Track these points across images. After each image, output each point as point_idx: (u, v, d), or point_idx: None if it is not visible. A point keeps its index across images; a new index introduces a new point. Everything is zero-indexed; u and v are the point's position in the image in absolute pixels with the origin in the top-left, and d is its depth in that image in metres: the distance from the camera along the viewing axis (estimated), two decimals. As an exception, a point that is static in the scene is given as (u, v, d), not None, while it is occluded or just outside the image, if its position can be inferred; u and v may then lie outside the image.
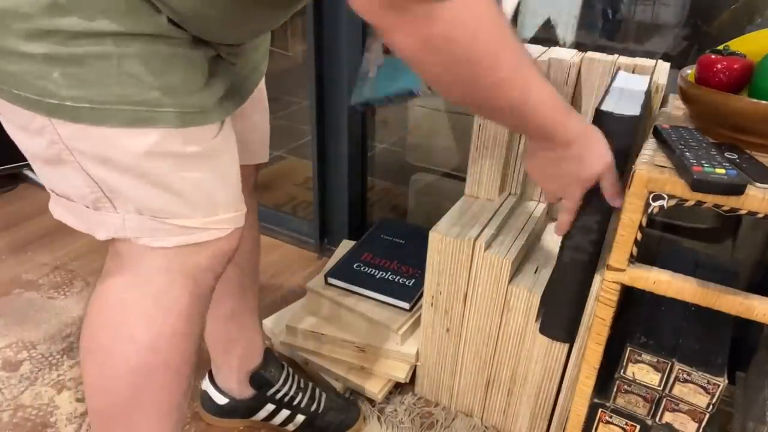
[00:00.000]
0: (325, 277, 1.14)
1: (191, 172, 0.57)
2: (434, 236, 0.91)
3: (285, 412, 0.96)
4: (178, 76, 0.53)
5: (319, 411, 0.97)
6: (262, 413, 0.96)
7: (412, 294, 1.08)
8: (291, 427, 0.97)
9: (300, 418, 0.96)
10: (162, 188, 0.56)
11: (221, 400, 0.97)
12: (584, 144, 0.63)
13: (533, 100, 0.56)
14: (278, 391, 0.96)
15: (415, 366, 1.06)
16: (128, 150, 0.53)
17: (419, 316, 1.02)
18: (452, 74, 0.50)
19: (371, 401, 1.05)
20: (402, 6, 0.45)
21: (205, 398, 0.99)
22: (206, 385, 0.99)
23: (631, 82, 0.81)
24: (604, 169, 0.64)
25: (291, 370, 0.99)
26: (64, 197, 0.58)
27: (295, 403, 0.96)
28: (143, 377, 0.61)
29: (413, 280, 1.11)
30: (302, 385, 0.99)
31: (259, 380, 0.95)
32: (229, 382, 0.96)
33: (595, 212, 0.74)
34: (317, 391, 0.99)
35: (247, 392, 0.96)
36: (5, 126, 0.55)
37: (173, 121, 0.53)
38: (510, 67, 0.52)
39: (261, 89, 0.79)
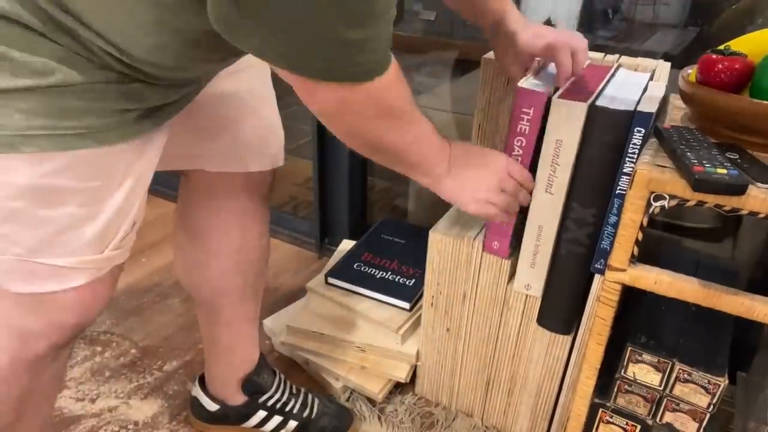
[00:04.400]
0: (326, 276, 1.14)
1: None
2: (434, 236, 0.91)
3: (277, 419, 0.95)
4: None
5: (312, 417, 0.96)
6: (254, 420, 0.95)
7: (412, 294, 1.08)
8: None
9: (292, 424, 0.95)
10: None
11: (212, 406, 0.96)
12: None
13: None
14: (270, 397, 0.94)
15: (416, 366, 1.06)
16: None
17: (419, 316, 1.02)
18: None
19: (371, 401, 1.05)
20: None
21: (195, 404, 0.98)
22: (196, 391, 0.97)
23: (630, 79, 0.81)
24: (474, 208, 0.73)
25: (283, 376, 0.98)
26: None
27: (288, 409, 0.95)
28: None
29: (413, 280, 1.11)
30: (294, 391, 0.98)
31: (251, 387, 0.93)
32: (221, 388, 0.95)
33: (591, 205, 0.74)
34: (310, 396, 0.99)
35: (239, 399, 0.94)
36: None
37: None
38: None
39: (246, 91, 0.76)
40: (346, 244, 1.29)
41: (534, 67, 0.80)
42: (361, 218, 1.49)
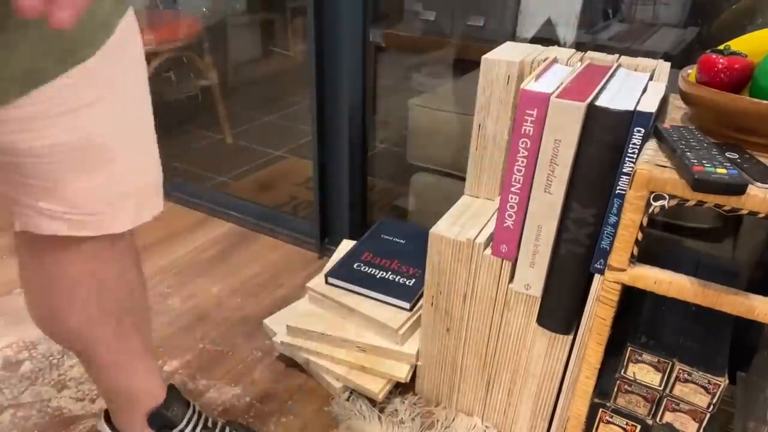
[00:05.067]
0: (326, 276, 1.14)
1: None
2: (434, 236, 0.91)
3: None
4: None
5: None
6: None
7: (412, 294, 1.08)
8: None
9: None
10: None
11: None
12: None
13: None
14: (181, 431, 0.86)
15: (416, 366, 1.06)
16: None
17: (419, 316, 1.02)
18: None
19: (372, 401, 1.05)
20: None
21: None
22: (101, 426, 0.89)
23: (630, 79, 0.81)
24: None
25: (198, 407, 0.89)
26: None
27: None
28: None
29: (413, 280, 1.11)
30: (210, 424, 0.89)
31: (159, 420, 0.85)
32: (126, 425, 0.86)
33: (591, 205, 0.74)
34: (227, 429, 0.91)
35: None
36: None
37: None
38: None
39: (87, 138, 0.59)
40: (347, 244, 1.29)
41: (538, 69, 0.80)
42: (361, 218, 1.49)
